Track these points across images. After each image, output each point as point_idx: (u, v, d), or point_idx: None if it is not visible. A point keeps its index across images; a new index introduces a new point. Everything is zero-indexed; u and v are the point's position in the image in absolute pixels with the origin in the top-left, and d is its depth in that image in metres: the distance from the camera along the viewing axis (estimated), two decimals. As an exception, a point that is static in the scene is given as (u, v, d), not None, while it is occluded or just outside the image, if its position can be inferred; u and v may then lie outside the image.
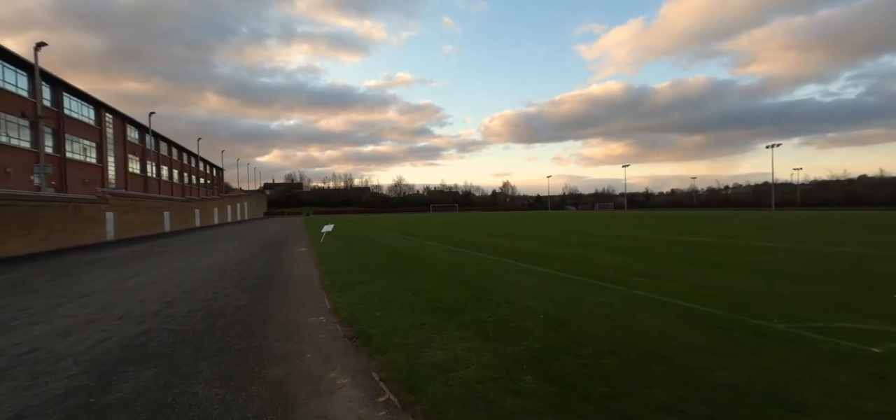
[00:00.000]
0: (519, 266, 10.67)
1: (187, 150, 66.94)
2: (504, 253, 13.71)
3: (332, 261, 12.42)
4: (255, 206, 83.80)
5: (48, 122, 31.59)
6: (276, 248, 18.24)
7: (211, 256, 15.05)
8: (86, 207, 21.11)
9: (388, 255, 13.92)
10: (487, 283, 8.35)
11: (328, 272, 10.24)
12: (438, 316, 5.93)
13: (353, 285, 8.40)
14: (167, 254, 16.43)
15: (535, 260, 11.76)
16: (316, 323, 6.01)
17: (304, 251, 16.40)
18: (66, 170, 33.19)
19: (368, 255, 13.72)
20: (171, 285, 9.11)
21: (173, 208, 36.12)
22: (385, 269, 10.53)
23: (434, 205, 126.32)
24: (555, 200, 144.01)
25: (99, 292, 8.51)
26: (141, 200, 29.23)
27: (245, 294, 8.04)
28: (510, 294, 7.22)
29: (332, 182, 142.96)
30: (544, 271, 9.71)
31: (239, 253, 16.07)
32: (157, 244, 21.46)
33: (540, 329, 5.22)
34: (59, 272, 11.74)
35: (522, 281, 8.50)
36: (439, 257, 12.90)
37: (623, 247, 15.34)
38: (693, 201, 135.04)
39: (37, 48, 21.89)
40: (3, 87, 27.07)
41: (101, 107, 39.80)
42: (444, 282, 8.52)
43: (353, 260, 12.54)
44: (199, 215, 43.84)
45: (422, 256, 13.20)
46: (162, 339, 5.28)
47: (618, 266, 10.43)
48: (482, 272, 9.74)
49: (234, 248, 18.48)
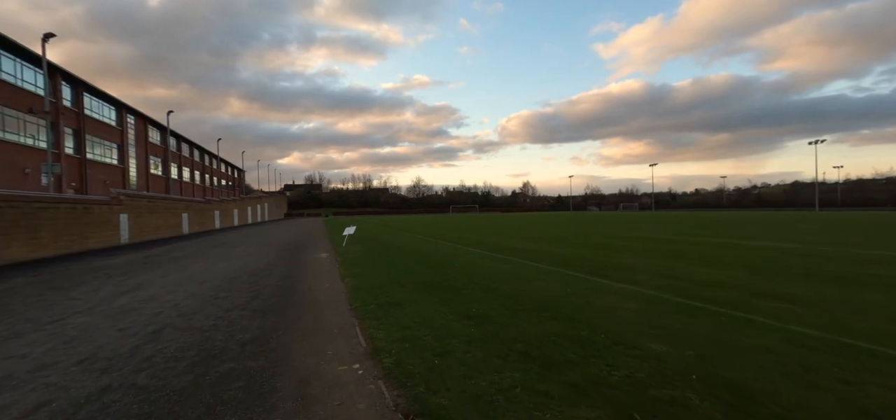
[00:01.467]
0: (594, 282, 8.59)
1: (209, 151, 67.01)
2: (558, 261, 11.62)
3: (359, 270, 10.59)
4: (275, 208, 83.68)
5: (69, 123, 31.11)
6: (296, 253, 16.62)
7: (224, 264, 13.48)
8: (97, 209, 19.98)
9: (421, 262, 12.02)
10: (569, 309, 6.32)
11: (356, 287, 8.40)
12: (528, 369, 3.97)
13: (391, 307, 6.52)
14: (179, 260, 14.98)
15: (608, 272, 9.64)
16: (349, 377, 4.12)
17: (325, 258, 14.68)
18: (86, 170, 32.70)
19: (398, 264, 11.85)
20: (168, 305, 7.42)
21: (192, 210, 35.24)
22: (424, 283, 8.63)
23: (454, 205, 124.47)
24: (576, 201, 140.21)
25: (78, 315, 6.88)
26: (158, 202, 28.32)
27: (254, 320, 6.25)
28: (615, 329, 5.18)
29: (351, 183, 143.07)
30: (636, 291, 7.60)
31: (255, 259, 14.47)
32: (172, 248, 20.20)
33: (711, 406, 3.19)
34: (51, 284, 10.28)
35: (617, 306, 6.43)
36: (484, 267, 10.92)
37: (705, 255, 13.01)
38: (722, 201, 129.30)
39: (44, 40, 20.99)
40: (22, 86, 26.53)
41: (122, 107, 39.46)
42: (510, 305, 6.53)
43: (382, 269, 10.68)
44: (218, 217, 43.08)
45: (462, 265, 11.24)
46: (119, 410, 3.48)
47: (731, 283, 8.23)
48: (552, 290, 7.70)
49: (250, 253, 16.96)
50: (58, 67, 29.50)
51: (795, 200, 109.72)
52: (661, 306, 6.34)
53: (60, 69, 29.80)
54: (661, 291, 7.39)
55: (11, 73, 25.87)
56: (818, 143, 68.53)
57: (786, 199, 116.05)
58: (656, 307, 6.29)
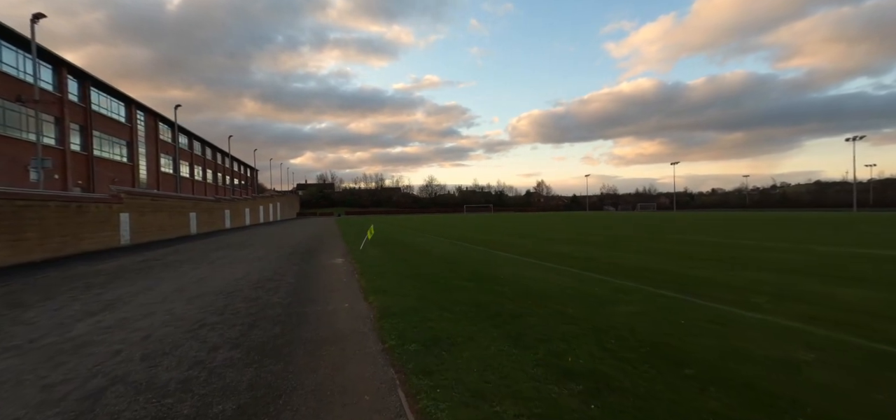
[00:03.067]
0: (702, 306, 6.43)
1: (221, 150, 66.11)
2: (623, 273, 9.47)
3: (384, 284, 8.59)
4: (287, 207, 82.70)
5: (74, 118, 29.91)
6: (308, 258, 14.78)
7: (225, 271, 11.67)
8: (94, 208, 18.40)
9: (455, 271, 10.00)
10: (701, 351, 4.22)
11: (385, 309, 6.41)
12: None
13: (440, 348, 4.50)
14: (177, 265, 13.24)
15: (704, 290, 7.45)
16: None
17: (341, 264, 12.77)
18: (93, 168, 31.50)
19: (428, 274, 9.82)
20: (135, 337, 5.53)
21: (201, 209, 33.78)
22: (471, 304, 6.59)
23: (467, 205, 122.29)
24: (592, 200, 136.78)
25: (11, 353, 5.02)
26: (163, 200, 26.76)
27: (246, 370, 4.28)
28: (816, 404, 3.08)
29: (364, 183, 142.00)
30: (785, 326, 5.42)
31: (261, 266, 12.63)
32: (174, 250, 18.57)
33: None
34: (12, 299, 8.53)
35: (792, 356, 4.27)
36: (535, 279, 8.82)
37: (815, 267, 10.72)
38: (745, 201, 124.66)
39: (34, 20, 19.48)
40: (25, 79, 25.28)
41: (131, 103, 38.32)
42: (618, 349, 4.43)
43: (412, 282, 8.67)
44: (229, 216, 41.71)
45: (508, 278, 9.16)
46: None
47: (862, 306, 6.03)
48: (655, 320, 5.57)
49: (257, 257, 15.17)
50: (63, 60, 28.27)
51: (821, 200, 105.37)
52: (860, 359, 4.18)
53: (66, 62, 28.55)
54: (817, 325, 5.23)
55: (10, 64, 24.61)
56: (857, 140, 64.42)
57: (811, 198, 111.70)
58: (848, 357, 4.13)
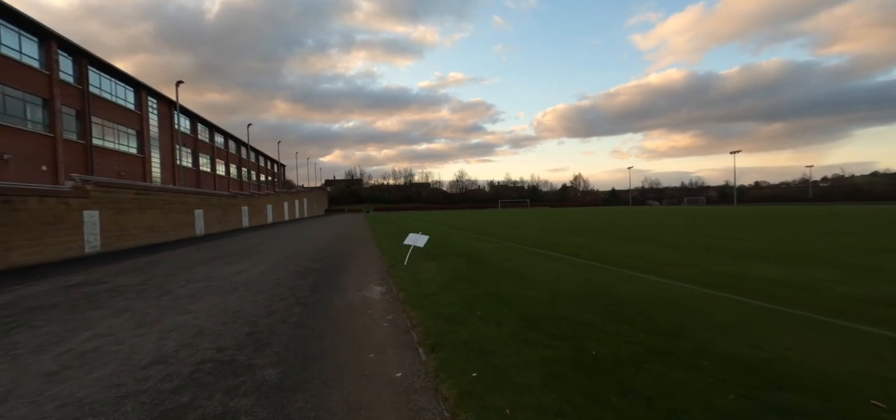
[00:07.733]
0: None
1: (245, 143, 62.71)
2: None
3: (486, 377, 3.04)
4: (315, 204, 79.17)
5: (68, 101, 25.96)
6: (334, 273, 9.48)
7: (208, 301, 6.44)
8: (36, 204, 13.57)
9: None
10: None
11: None
12: None
13: None
14: (128, 292, 8.19)
15: None
16: None
17: (380, 300, 7.32)
18: (92, 158, 27.61)
19: (548, 327, 4.17)
20: None
21: (210, 205, 29.25)
22: None
23: (502, 201, 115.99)
24: (633, 194, 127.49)
25: None
26: (151, 194, 21.48)
27: None
28: None
29: (392, 179, 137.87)
30: None
31: (265, 290, 7.33)
32: (151, 262, 13.76)
33: None
34: None
35: None
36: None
37: None
38: (808, 194, 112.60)
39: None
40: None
41: (141, 88, 34.51)
42: None
43: (530, 355, 3.10)
44: (247, 213, 37.42)
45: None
46: None
47: None
48: None
49: (266, 271, 10.00)
50: (53, 32, 24.29)
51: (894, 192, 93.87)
52: None
53: (56, 35, 24.56)
54: None
55: None
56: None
57: (889, 190, 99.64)
58: None
